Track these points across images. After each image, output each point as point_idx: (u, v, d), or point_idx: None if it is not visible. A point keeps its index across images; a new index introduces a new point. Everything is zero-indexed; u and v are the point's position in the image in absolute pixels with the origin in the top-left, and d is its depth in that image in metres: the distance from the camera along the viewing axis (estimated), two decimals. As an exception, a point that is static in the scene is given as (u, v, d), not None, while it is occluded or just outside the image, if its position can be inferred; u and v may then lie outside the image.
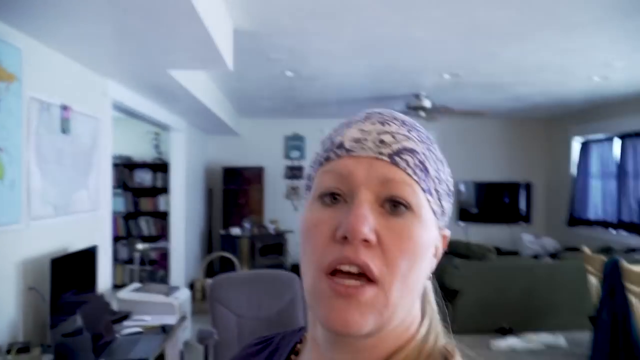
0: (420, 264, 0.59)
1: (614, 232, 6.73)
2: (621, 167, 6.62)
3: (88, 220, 3.44)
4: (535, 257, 6.00)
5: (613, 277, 3.67)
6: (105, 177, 3.74)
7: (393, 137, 0.59)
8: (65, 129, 3.05)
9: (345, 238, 0.55)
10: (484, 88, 5.69)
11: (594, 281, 4.14)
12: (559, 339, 4.94)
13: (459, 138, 8.32)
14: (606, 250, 5.29)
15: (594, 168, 7.34)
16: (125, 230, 7.46)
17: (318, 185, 0.61)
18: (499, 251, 6.30)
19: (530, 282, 5.29)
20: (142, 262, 7.21)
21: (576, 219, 7.55)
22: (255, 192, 7.87)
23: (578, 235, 7.39)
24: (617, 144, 6.76)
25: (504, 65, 4.57)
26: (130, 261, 7.23)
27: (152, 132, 7.62)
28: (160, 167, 7.67)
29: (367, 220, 0.55)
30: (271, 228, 7.27)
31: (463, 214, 8.49)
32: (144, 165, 7.69)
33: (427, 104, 5.93)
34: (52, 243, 2.90)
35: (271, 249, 7.07)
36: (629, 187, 6.48)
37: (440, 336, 0.64)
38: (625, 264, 3.43)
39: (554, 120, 8.29)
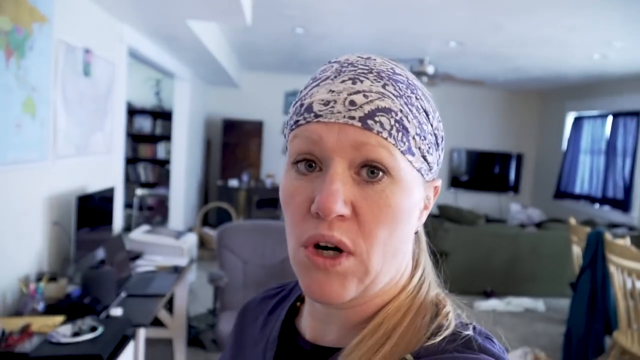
0: (402, 228, 0.57)
1: (597, 207, 6.95)
2: (610, 144, 6.78)
3: (103, 163, 3.55)
4: (522, 226, 6.22)
5: (596, 247, 3.88)
6: (119, 121, 3.84)
7: (365, 96, 0.54)
8: (86, 72, 3.14)
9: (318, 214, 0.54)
10: (487, 58, 5.79)
11: (576, 250, 4.37)
12: (538, 304, 5.21)
13: (456, 105, 8.43)
14: (589, 224, 5.53)
15: (584, 143, 7.49)
16: (124, 175, 7.56)
17: (291, 151, 0.58)
18: (487, 219, 6.51)
19: (515, 250, 5.52)
20: (140, 208, 7.37)
21: (562, 192, 7.74)
22: (255, 146, 7.96)
23: (563, 207, 7.62)
24: (609, 121, 6.90)
25: (509, 37, 4.67)
26: (127, 206, 7.36)
27: (153, 79, 7.65)
28: (160, 115, 7.73)
29: (339, 196, 0.53)
30: (268, 182, 7.41)
31: (454, 180, 8.70)
32: (143, 112, 7.75)
33: (430, 70, 6.02)
34: (73, 182, 3.02)
35: (267, 202, 7.23)
36: (616, 165, 6.65)
37: (433, 285, 0.65)
38: (608, 236, 3.64)
39: (550, 94, 8.40)
